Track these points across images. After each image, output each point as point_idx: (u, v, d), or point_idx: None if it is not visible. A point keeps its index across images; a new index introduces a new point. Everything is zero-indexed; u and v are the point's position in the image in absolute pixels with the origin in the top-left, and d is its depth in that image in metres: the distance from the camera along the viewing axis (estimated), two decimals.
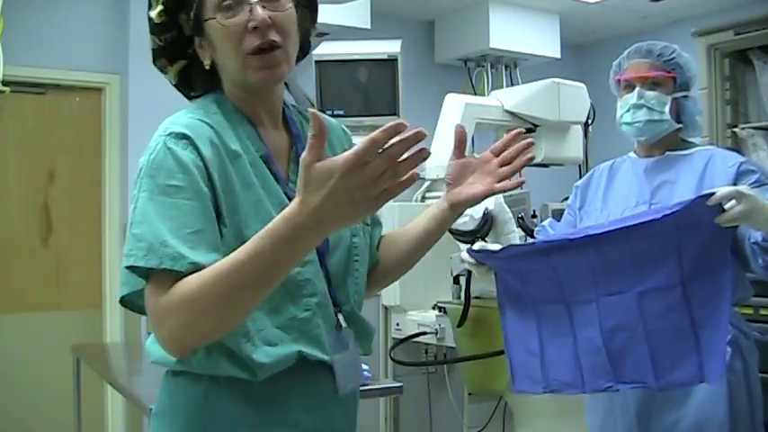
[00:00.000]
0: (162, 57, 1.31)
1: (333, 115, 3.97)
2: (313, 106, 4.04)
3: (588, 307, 1.81)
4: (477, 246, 2.01)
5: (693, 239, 1.68)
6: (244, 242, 1.07)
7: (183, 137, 1.16)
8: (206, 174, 1.15)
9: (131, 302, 1.16)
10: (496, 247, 1.98)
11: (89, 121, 4.41)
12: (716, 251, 1.68)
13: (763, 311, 3.11)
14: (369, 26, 4.57)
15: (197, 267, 1.07)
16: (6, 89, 3.29)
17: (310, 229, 0.99)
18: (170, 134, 1.16)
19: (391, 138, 0.93)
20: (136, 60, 4.20)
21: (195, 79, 1.33)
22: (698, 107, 2.12)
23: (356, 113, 3.92)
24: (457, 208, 1.39)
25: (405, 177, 0.96)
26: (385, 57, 3.86)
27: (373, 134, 0.92)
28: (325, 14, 4.53)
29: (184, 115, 1.22)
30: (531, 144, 1.40)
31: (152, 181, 1.13)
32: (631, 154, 2.19)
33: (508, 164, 1.40)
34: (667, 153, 2.09)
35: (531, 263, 1.87)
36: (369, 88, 3.94)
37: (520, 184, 1.43)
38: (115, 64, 4.34)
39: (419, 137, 0.94)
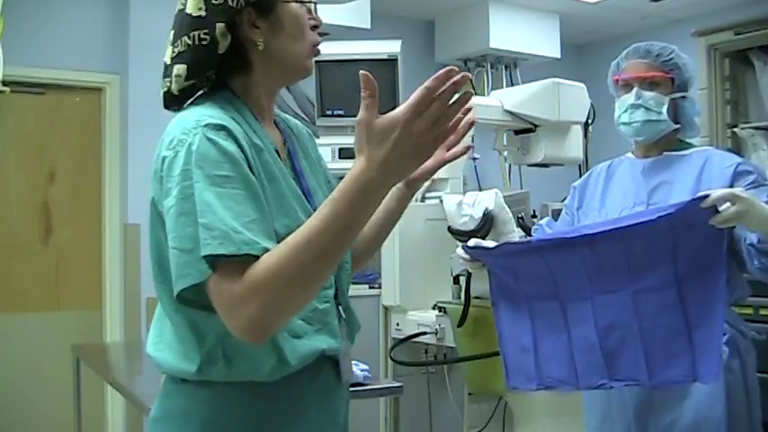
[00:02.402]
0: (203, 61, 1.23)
1: (333, 115, 3.98)
2: (313, 107, 4.05)
3: (583, 304, 1.82)
4: (472, 242, 2.02)
5: (688, 240, 1.69)
6: (272, 236, 1.10)
7: (222, 128, 1.15)
8: (247, 165, 1.15)
9: (182, 298, 1.13)
10: (491, 243, 1.99)
11: (89, 121, 4.41)
12: (711, 252, 1.69)
13: (762, 311, 3.11)
14: (369, 26, 4.57)
15: (267, 252, 1.07)
16: (6, 89, 3.30)
17: (379, 184, 1.04)
18: (207, 125, 1.14)
19: (444, 84, 1.00)
20: (136, 60, 4.20)
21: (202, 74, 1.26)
22: (696, 108, 2.12)
23: (356, 113, 3.90)
24: (413, 184, 1.45)
25: (453, 121, 1.04)
26: (385, 57, 3.87)
27: (427, 83, 1.00)
28: (326, 14, 4.54)
29: (209, 109, 1.19)
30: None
31: (201, 171, 1.10)
32: (629, 154, 2.19)
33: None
34: (665, 154, 2.09)
35: (526, 260, 1.88)
36: None
37: (468, 149, 1.49)
38: (115, 64, 4.34)
39: (465, 80, 1.01)
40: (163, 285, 1.22)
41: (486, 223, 2.60)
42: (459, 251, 2.02)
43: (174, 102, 1.28)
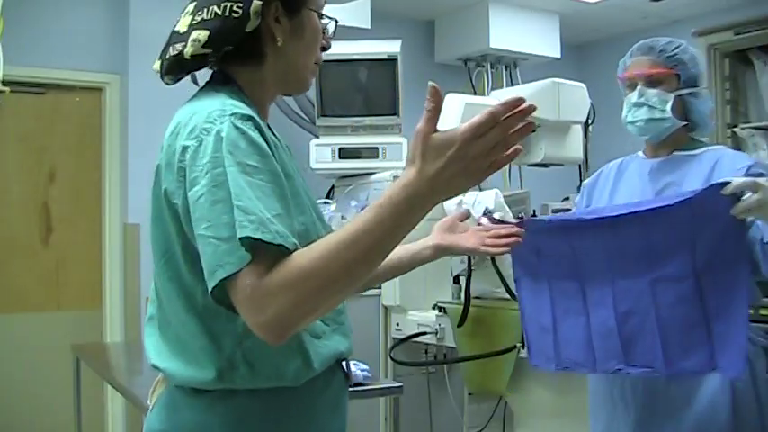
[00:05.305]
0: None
1: (333, 115, 3.98)
2: (313, 107, 4.04)
3: (603, 288, 1.83)
4: (497, 215, 2.05)
5: (707, 231, 1.67)
6: (295, 234, 1.07)
7: (249, 118, 1.12)
8: (273, 158, 1.12)
9: (214, 295, 1.06)
10: (514, 221, 2.00)
11: (89, 121, 4.41)
12: (731, 244, 1.67)
13: (762, 311, 3.09)
14: (369, 26, 4.57)
15: (296, 248, 1.03)
16: (6, 89, 3.30)
17: (425, 197, 1.01)
18: (234, 114, 1.11)
19: (510, 112, 0.98)
20: (136, 60, 4.20)
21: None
22: (707, 104, 2.04)
23: (356, 113, 3.91)
24: (440, 252, 1.54)
25: (512, 150, 1.00)
26: (385, 57, 3.87)
27: (492, 108, 0.97)
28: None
29: (229, 99, 1.17)
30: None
31: (233, 157, 1.07)
32: (640, 153, 2.13)
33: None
34: (674, 153, 2.03)
35: (549, 238, 1.90)
36: (369, 88, 3.94)
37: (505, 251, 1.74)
38: (115, 64, 4.34)
39: (532, 110, 0.99)
40: (171, 282, 1.18)
41: None
42: (484, 219, 2.00)
43: (175, 68, 1.26)
